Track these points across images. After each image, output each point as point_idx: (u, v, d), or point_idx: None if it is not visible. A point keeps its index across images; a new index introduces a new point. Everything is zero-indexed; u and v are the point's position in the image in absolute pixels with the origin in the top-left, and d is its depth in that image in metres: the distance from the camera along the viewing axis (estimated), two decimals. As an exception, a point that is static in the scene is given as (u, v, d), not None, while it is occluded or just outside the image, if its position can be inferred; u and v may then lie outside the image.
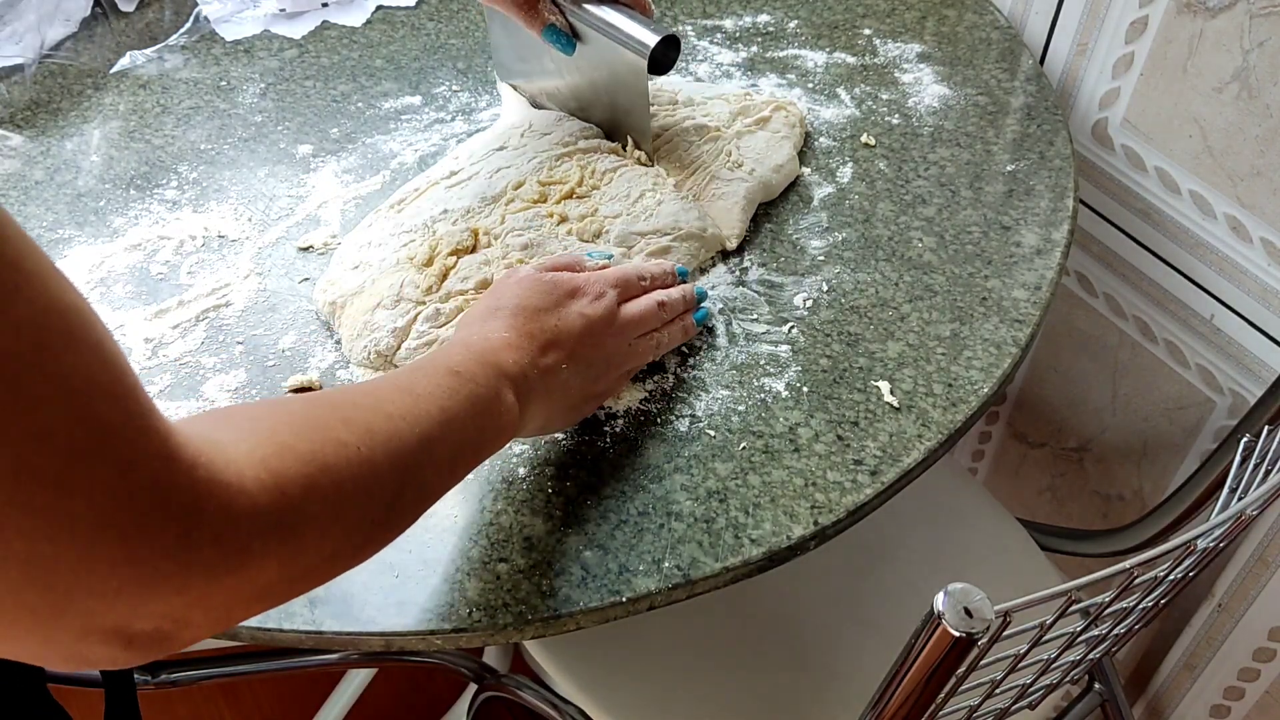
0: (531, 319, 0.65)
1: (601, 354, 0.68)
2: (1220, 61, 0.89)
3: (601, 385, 0.69)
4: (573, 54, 0.83)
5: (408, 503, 0.53)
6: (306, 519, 0.45)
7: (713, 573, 0.64)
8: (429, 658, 1.06)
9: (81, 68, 0.98)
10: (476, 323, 0.65)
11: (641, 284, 0.73)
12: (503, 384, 0.60)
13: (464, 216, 0.81)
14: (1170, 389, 1.08)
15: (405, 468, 0.52)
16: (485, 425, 0.59)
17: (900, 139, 0.92)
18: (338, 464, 0.47)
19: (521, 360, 0.62)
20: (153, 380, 0.74)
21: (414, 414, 0.53)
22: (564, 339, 0.65)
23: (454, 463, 0.57)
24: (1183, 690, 1.18)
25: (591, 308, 0.68)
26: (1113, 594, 0.60)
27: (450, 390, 0.57)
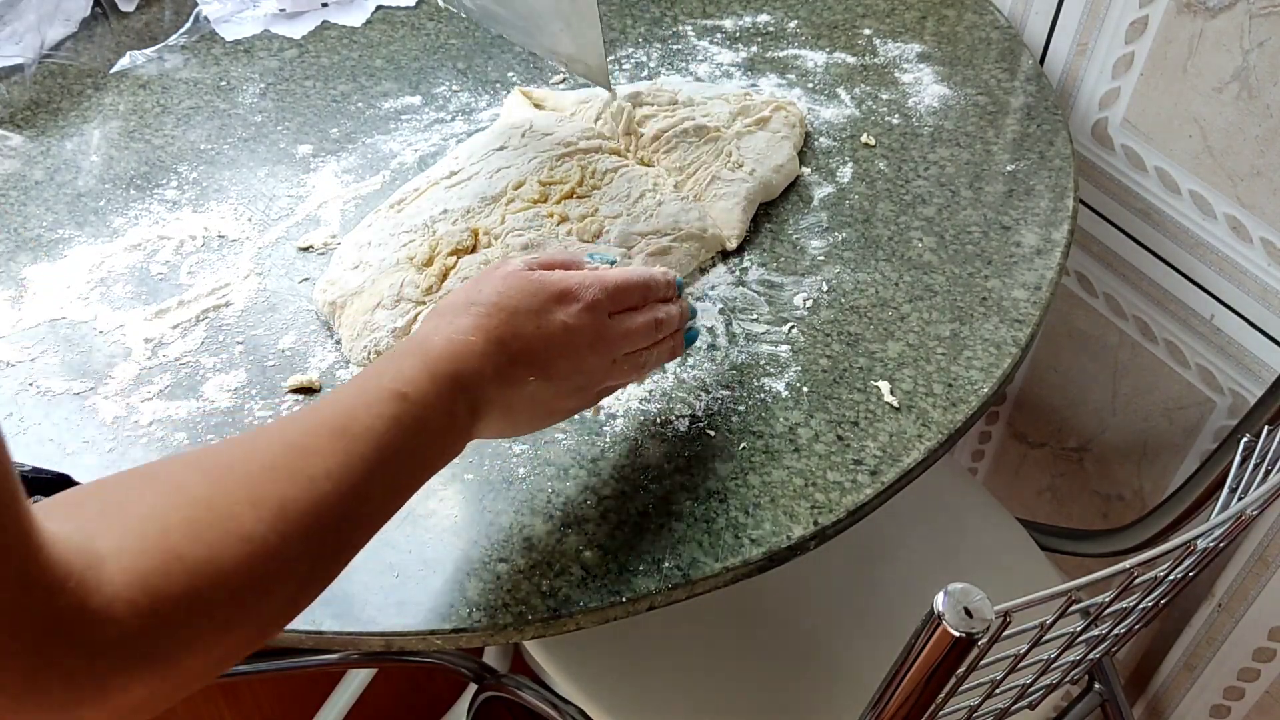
0: (507, 322, 0.58)
1: (579, 370, 0.61)
2: (1220, 61, 0.89)
3: (573, 402, 0.63)
4: None
5: (322, 574, 0.49)
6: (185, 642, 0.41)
7: (713, 573, 0.64)
8: (429, 658, 1.06)
9: (81, 68, 0.98)
10: (446, 316, 0.58)
11: (644, 294, 0.65)
12: (457, 398, 0.55)
13: (464, 216, 0.80)
14: (1170, 389, 1.08)
15: (327, 538, 0.47)
16: (430, 450, 0.54)
17: (900, 139, 0.92)
18: (237, 568, 0.43)
19: (485, 370, 0.56)
20: (153, 380, 0.74)
21: (344, 464, 0.49)
22: (538, 351, 0.59)
23: (391, 502, 0.52)
24: (1183, 690, 1.18)
25: (578, 318, 0.60)
26: (1113, 594, 0.60)
27: (394, 420, 0.51)
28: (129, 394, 0.73)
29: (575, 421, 0.72)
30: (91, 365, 0.75)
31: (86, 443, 0.70)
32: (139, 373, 0.74)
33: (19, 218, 0.85)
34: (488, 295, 0.59)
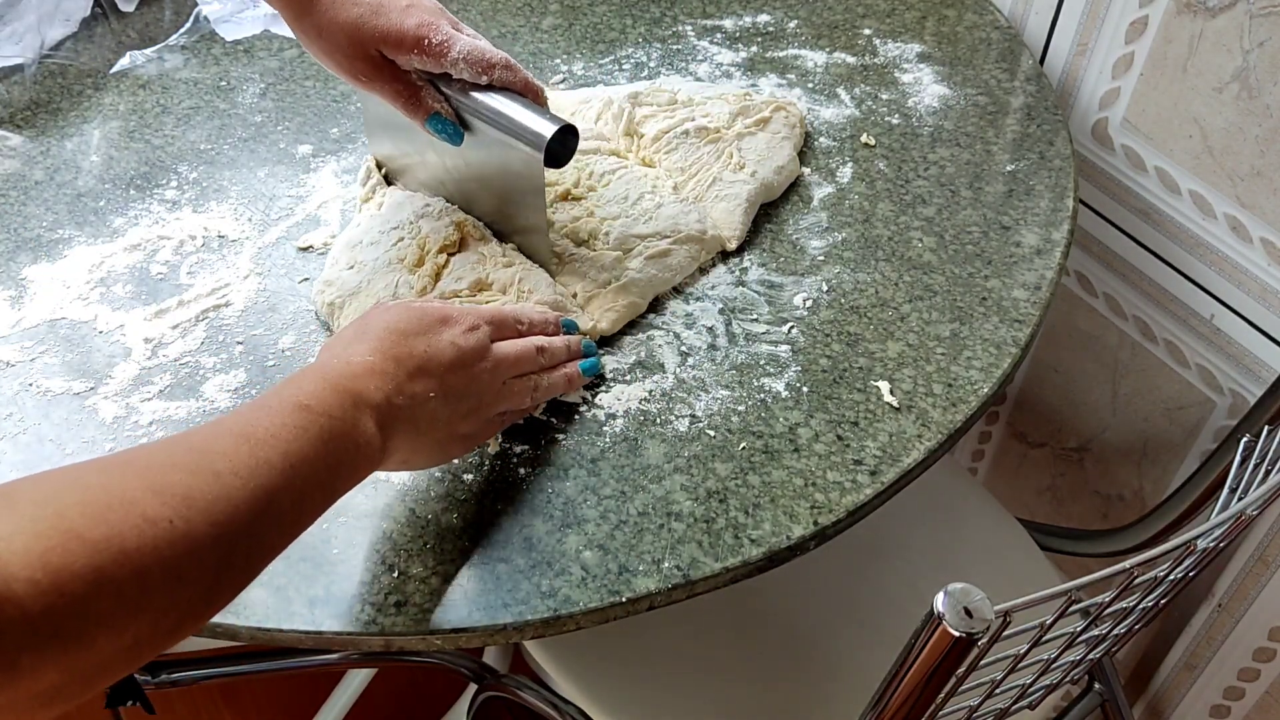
0: (399, 342, 0.61)
1: (473, 388, 0.64)
2: (1220, 61, 0.89)
3: (471, 425, 0.65)
4: (460, 144, 0.75)
5: (239, 568, 0.49)
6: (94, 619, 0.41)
7: (712, 573, 0.64)
8: (429, 658, 1.06)
9: (81, 68, 0.98)
10: (339, 347, 0.61)
11: (518, 327, 0.69)
12: (362, 413, 0.56)
13: (448, 210, 0.80)
14: (1170, 389, 1.08)
15: (235, 532, 0.47)
16: (340, 462, 0.54)
17: (900, 139, 0.92)
18: (141, 547, 0.43)
19: (386, 386, 0.58)
20: (153, 380, 0.74)
21: (250, 465, 0.49)
22: (433, 366, 0.61)
23: (300, 510, 0.52)
24: (1183, 690, 1.18)
25: (464, 338, 0.64)
26: (1113, 594, 0.60)
27: (298, 429, 0.52)
28: (129, 394, 0.73)
29: (575, 421, 0.72)
30: (91, 365, 0.75)
31: (86, 443, 0.70)
32: (139, 373, 0.74)
33: (19, 218, 0.85)
34: (378, 325, 0.62)
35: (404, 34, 0.70)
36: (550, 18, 1.05)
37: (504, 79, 0.73)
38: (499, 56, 0.72)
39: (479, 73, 0.72)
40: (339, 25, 0.71)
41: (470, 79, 0.73)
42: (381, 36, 0.70)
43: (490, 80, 0.73)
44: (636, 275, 0.78)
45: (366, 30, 0.70)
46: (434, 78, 0.74)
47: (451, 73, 0.72)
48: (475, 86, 0.73)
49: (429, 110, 0.74)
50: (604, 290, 0.76)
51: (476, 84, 0.73)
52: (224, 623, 0.62)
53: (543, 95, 0.75)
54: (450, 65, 0.72)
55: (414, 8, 0.71)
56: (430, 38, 0.71)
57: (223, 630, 0.62)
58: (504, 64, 0.72)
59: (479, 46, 0.72)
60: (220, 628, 0.62)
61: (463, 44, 0.71)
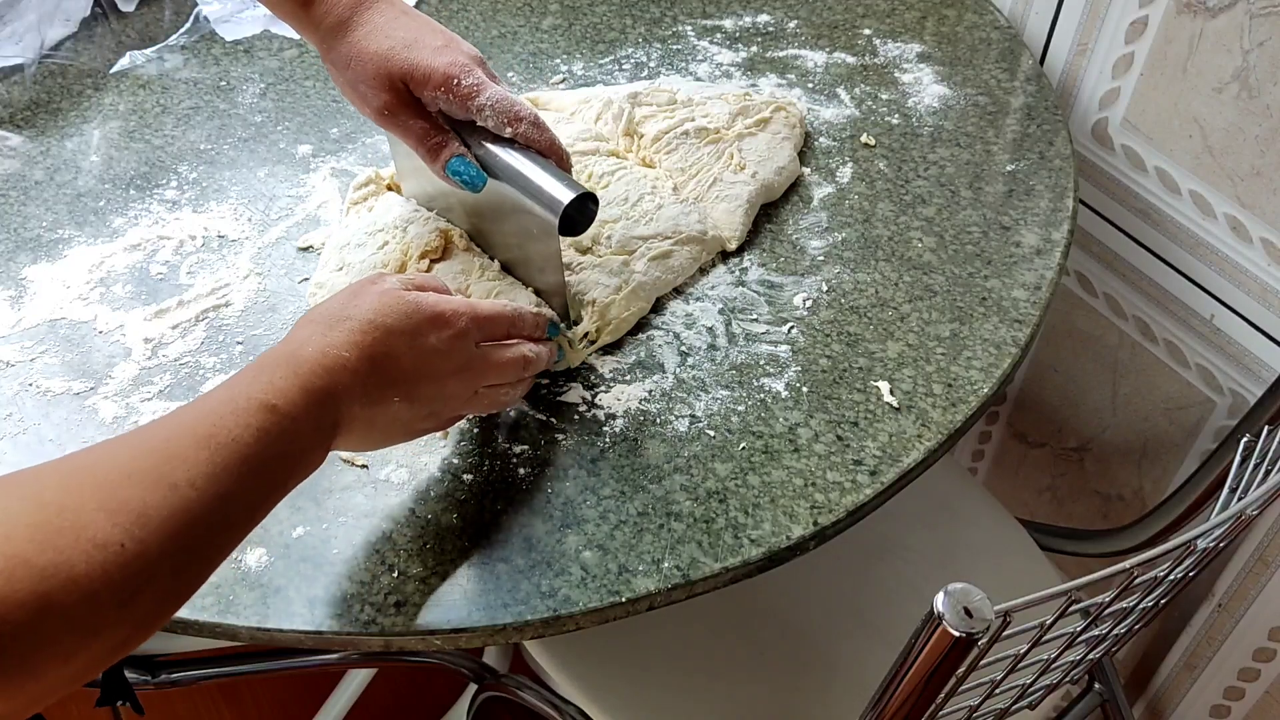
0: (381, 340, 0.58)
1: (440, 396, 0.62)
2: (1220, 61, 0.89)
3: (430, 424, 0.64)
4: (481, 191, 0.72)
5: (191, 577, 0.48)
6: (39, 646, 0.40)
7: (712, 573, 0.64)
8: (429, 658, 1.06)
9: (81, 68, 0.98)
10: (320, 326, 0.58)
11: (510, 330, 0.67)
12: (324, 413, 0.55)
13: (435, 216, 0.80)
14: (1170, 389, 1.08)
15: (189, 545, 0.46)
16: (297, 462, 0.54)
17: (900, 139, 0.92)
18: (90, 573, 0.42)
19: (354, 388, 0.57)
20: (153, 380, 0.74)
21: (209, 474, 0.48)
22: (408, 373, 0.60)
23: (254, 511, 0.52)
24: (1183, 690, 1.18)
25: (449, 344, 0.61)
26: (1113, 594, 0.60)
27: (261, 431, 0.51)
28: (129, 394, 0.73)
29: (575, 421, 0.72)
30: (91, 365, 0.75)
31: (86, 443, 0.70)
32: (139, 373, 0.74)
33: (19, 218, 0.85)
34: (363, 311, 0.59)
35: (433, 70, 0.68)
36: (550, 18, 1.05)
37: (529, 135, 0.70)
38: (528, 111, 0.70)
39: (504, 123, 0.70)
40: (369, 54, 0.69)
41: (494, 128, 0.70)
42: (410, 70, 0.69)
43: (515, 133, 0.70)
44: (643, 278, 0.78)
45: (396, 62, 0.69)
46: (457, 125, 0.72)
47: (476, 119, 0.70)
48: (498, 140, 0.71)
49: (453, 153, 0.71)
50: (617, 296, 0.76)
51: (500, 137, 0.71)
52: (224, 623, 0.62)
53: (567, 159, 0.72)
54: (476, 111, 0.69)
55: (449, 48, 0.70)
56: (460, 79, 0.69)
57: (223, 630, 0.62)
58: (532, 119, 0.70)
59: (509, 97, 0.70)
60: (220, 628, 0.62)
61: (492, 92, 0.69)
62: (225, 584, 0.63)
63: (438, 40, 0.70)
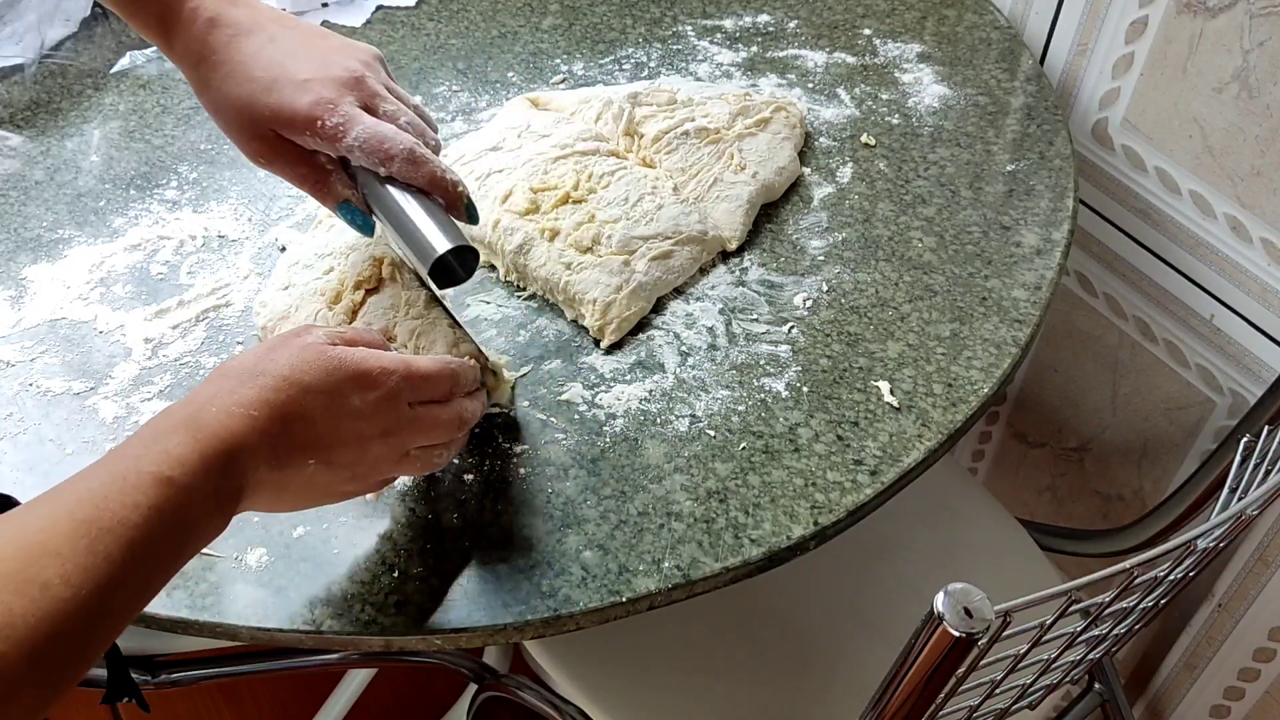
0: (294, 400, 0.54)
1: (363, 460, 0.57)
2: (1220, 61, 0.89)
3: (352, 486, 0.59)
4: (372, 235, 0.69)
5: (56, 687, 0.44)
6: None
7: (713, 573, 0.64)
8: (429, 658, 1.06)
9: (81, 68, 0.98)
10: (230, 381, 0.54)
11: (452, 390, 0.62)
12: (226, 479, 0.50)
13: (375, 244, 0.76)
14: (1170, 389, 1.08)
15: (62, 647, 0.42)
16: (191, 534, 0.49)
17: (900, 139, 0.92)
18: None
19: (261, 450, 0.52)
20: (153, 380, 0.74)
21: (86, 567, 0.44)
22: (323, 436, 0.55)
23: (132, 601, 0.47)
24: (1183, 690, 1.18)
25: (374, 406, 0.56)
26: (1113, 594, 0.60)
27: (152, 510, 0.47)
28: (129, 394, 0.73)
29: (575, 421, 0.72)
30: (91, 365, 0.75)
31: (86, 443, 0.70)
32: (139, 373, 0.74)
33: (19, 218, 0.85)
34: (279, 367, 0.55)
35: (295, 114, 0.64)
36: (550, 18, 1.05)
37: (405, 174, 0.65)
38: (400, 148, 0.64)
39: (377, 163, 0.65)
40: (230, 103, 0.65)
41: (369, 168, 0.66)
42: (273, 116, 0.64)
43: (390, 173, 0.65)
44: (644, 278, 0.78)
45: (258, 109, 0.64)
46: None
47: (349, 159, 0.66)
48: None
49: (338, 198, 0.67)
50: (618, 296, 0.76)
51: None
52: (224, 623, 0.62)
53: (456, 191, 0.66)
54: (347, 152, 0.65)
55: (312, 83, 0.64)
56: (324, 120, 0.63)
57: (223, 630, 0.62)
58: (405, 156, 0.64)
59: (379, 133, 0.64)
60: (220, 627, 0.62)
61: (360, 130, 0.64)
62: (225, 584, 0.63)
63: (304, 72, 0.65)
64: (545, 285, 0.79)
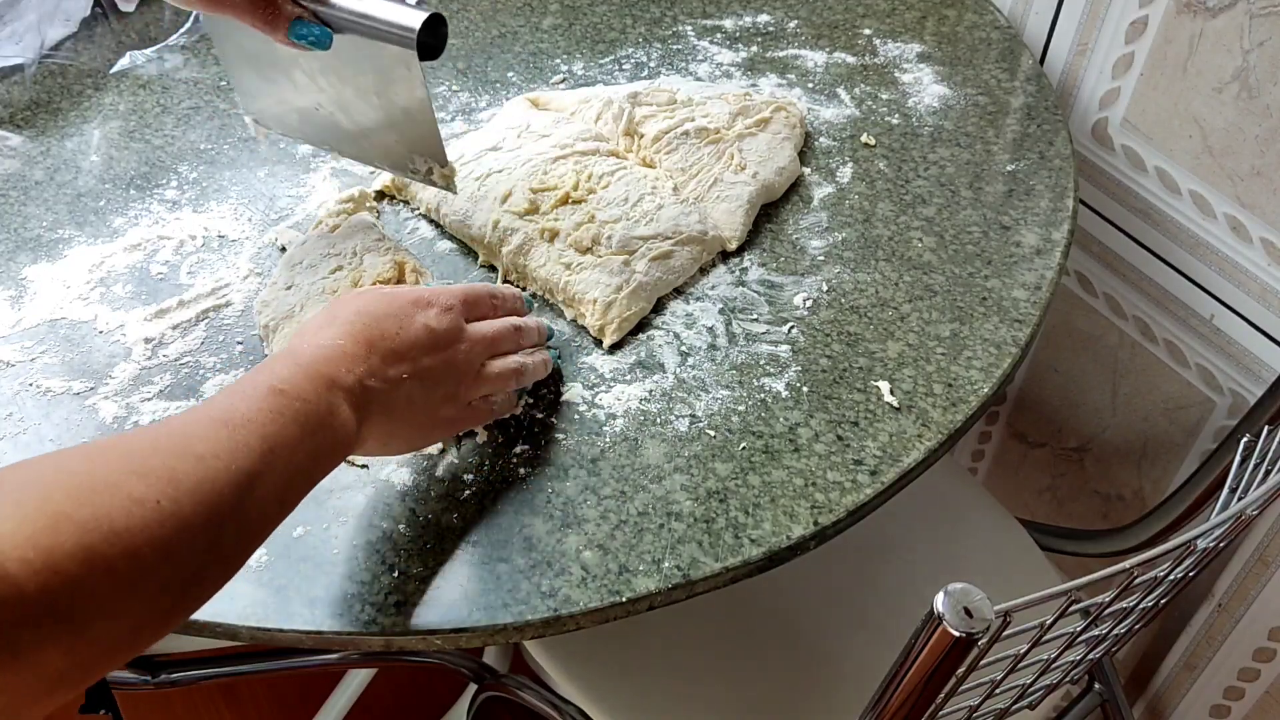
0: (371, 325, 0.59)
1: (450, 369, 0.63)
2: (1220, 61, 0.89)
3: (451, 410, 0.64)
4: (329, 48, 0.69)
5: (228, 551, 0.49)
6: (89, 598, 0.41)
7: (713, 573, 0.64)
8: (429, 658, 1.06)
9: (81, 68, 0.98)
10: (310, 333, 0.59)
11: (493, 302, 0.68)
12: (336, 397, 0.55)
13: (395, 248, 0.78)
14: (1170, 389, 1.08)
15: (222, 513, 0.47)
16: (319, 446, 0.54)
17: (900, 139, 0.92)
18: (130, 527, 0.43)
19: (358, 370, 0.57)
20: (153, 380, 0.74)
21: (230, 448, 0.49)
22: (407, 349, 0.60)
23: (284, 493, 0.52)
24: (1183, 690, 1.18)
25: (437, 319, 0.62)
26: (1113, 594, 0.60)
27: (274, 412, 0.52)
28: (129, 394, 0.73)
29: (575, 421, 0.72)
30: (91, 365, 0.75)
31: (86, 442, 0.70)
32: (139, 373, 0.74)
33: (19, 218, 0.85)
34: (347, 309, 0.61)
35: None
36: (550, 18, 1.05)
37: None
38: None
39: None
40: None
41: None
42: None
43: None
44: (644, 279, 0.78)
45: None
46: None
47: None
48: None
49: (289, 17, 0.68)
50: (619, 295, 0.76)
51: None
52: (224, 623, 0.62)
53: None
54: None
55: None
56: None
57: (223, 630, 0.62)
58: None
59: None
60: (220, 627, 0.62)
61: None
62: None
63: None
64: (545, 285, 0.79)
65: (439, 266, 0.82)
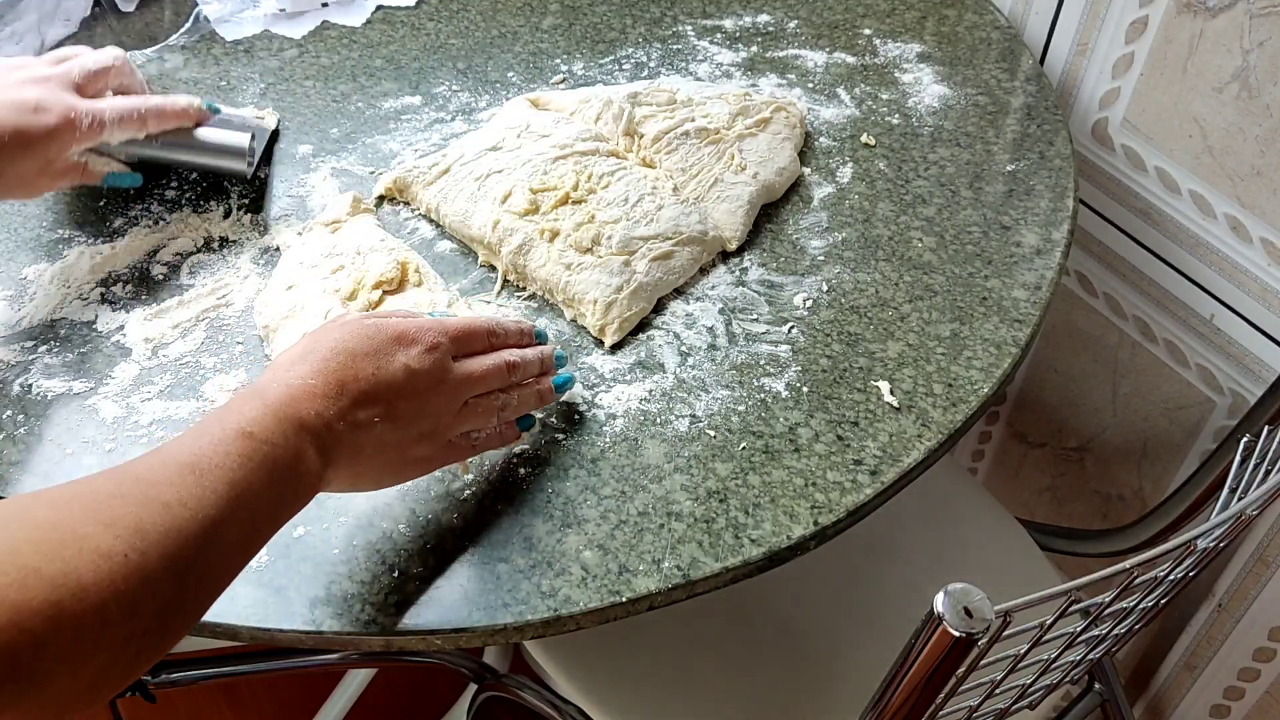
0: (346, 365, 0.58)
1: (424, 413, 0.60)
2: (1220, 61, 0.89)
3: (428, 449, 0.62)
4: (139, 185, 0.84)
5: (190, 600, 0.48)
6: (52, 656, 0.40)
7: (713, 573, 0.64)
8: (429, 658, 1.06)
9: (81, 68, 0.98)
10: (283, 367, 0.58)
11: (490, 339, 0.65)
12: (303, 440, 0.55)
13: (400, 249, 0.78)
14: (1170, 389, 1.08)
15: (186, 563, 0.47)
16: (284, 491, 0.53)
17: (900, 139, 0.92)
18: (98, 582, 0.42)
19: (327, 412, 0.56)
20: (153, 380, 0.74)
21: (198, 495, 0.48)
22: (380, 392, 0.58)
23: (248, 540, 0.52)
24: (1183, 690, 1.18)
25: (419, 360, 0.60)
26: (1113, 594, 0.60)
27: (242, 458, 0.51)
28: (129, 394, 0.73)
29: (575, 421, 0.72)
30: (91, 365, 0.75)
31: (86, 443, 0.70)
32: (139, 373, 0.74)
33: (19, 218, 0.85)
34: (325, 344, 0.59)
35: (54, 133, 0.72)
36: (550, 18, 1.05)
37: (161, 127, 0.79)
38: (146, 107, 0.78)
39: (139, 130, 0.78)
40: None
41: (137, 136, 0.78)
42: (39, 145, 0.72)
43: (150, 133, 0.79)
44: (644, 279, 0.78)
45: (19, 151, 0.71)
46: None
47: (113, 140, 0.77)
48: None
49: (102, 172, 0.80)
50: (619, 296, 0.76)
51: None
52: (224, 623, 0.62)
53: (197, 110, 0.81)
54: (110, 136, 0.76)
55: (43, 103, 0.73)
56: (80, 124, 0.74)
57: (223, 630, 0.62)
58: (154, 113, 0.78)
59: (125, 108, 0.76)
60: (220, 627, 0.62)
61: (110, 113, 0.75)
62: (225, 584, 0.63)
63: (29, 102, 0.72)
64: (545, 285, 0.79)
65: (439, 266, 0.82)
